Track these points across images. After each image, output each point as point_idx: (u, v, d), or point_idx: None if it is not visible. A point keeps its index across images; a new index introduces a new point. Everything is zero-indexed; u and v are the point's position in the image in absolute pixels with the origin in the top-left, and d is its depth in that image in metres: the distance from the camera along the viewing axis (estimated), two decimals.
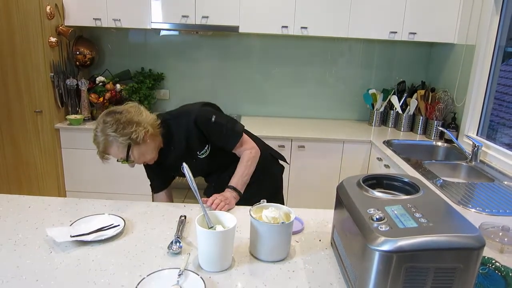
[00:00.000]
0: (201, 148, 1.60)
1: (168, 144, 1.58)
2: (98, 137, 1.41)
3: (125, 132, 1.39)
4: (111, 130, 1.38)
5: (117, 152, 1.43)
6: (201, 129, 1.55)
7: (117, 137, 1.38)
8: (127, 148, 1.42)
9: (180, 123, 1.56)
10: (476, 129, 2.66)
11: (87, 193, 2.97)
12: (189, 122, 1.54)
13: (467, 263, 0.85)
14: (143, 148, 1.46)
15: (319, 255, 1.19)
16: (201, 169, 1.70)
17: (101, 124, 1.41)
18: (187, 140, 1.56)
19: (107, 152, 1.43)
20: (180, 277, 1.01)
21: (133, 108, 1.47)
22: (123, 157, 1.44)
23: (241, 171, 1.59)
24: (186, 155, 1.58)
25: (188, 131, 1.55)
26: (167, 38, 3.29)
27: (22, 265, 1.08)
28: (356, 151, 2.88)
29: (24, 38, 2.64)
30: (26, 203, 1.46)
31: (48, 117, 2.81)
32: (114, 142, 1.40)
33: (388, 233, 0.86)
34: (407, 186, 1.14)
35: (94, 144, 1.44)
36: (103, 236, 1.22)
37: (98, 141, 1.41)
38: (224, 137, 1.59)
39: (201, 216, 1.12)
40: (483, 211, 1.61)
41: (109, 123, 1.39)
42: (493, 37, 2.52)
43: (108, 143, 1.40)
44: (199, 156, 1.62)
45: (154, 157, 1.54)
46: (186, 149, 1.58)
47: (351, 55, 3.33)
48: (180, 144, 1.58)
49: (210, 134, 1.58)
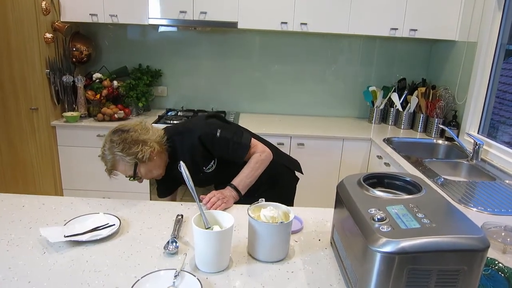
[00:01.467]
0: (207, 164, 1.59)
1: (175, 159, 1.56)
2: (106, 156, 1.43)
3: (131, 152, 1.41)
4: (118, 150, 1.40)
5: (124, 170, 1.45)
6: (207, 145, 1.54)
7: (124, 157, 1.41)
8: (134, 166, 1.44)
9: (185, 140, 1.55)
10: (477, 127, 2.64)
11: (85, 191, 2.95)
12: (194, 140, 1.53)
13: (471, 265, 0.82)
14: (150, 166, 1.47)
15: (318, 255, 1.17)
16: (210, 181, 1.70)
17: (108, 143, 1.43)
18: (192, 157, 1.55)
19: (115, 169, 1.46)
20: (176, 278, 0.99)
21: (139, 126, 1.48)
22: (131, 174, 1.46)
23: (246, 171, 1.56)
24: (192, 169, 1.55)
25: (192, 148, 1.54)
26: (164, 34, 3.25)
27: (14, 266, 1.05)
28: (356, 149, 2.86)
29: (19, 34, 2.60)
30: (20, 202, 1.43)
31: (44, 114, 2.78)
32: (121, 161, 1.42)
33: (390, 234, 0.84)
34: (409, 185, 1.12)
35: (102, 161, 1.47)
36: (98, 236, 1.19)
37: (106, 160, 1.44)
38: (231, 151, 1.57)
39: (197, 216, 1.09)
40: (485, 211, 1.58)
41: (116, 143, 1.41)
42: (495, 35, 2.49)
43: (116, 162, 1.43)
44: (205, 171, 1.60)
45: (161, 173, 1.56)
46: (192, 165, 1.54)
47: (351, 52, 3.30)
48: (186, 161, 1.54)
49: (216, 149, 1.56)
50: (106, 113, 2.86)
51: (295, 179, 1.90)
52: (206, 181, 1.69)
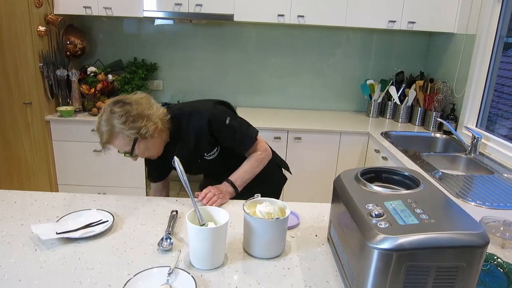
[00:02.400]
0: (209, 150, 1.53)
1: (175, 140, 1.50)
2: (102, 127, 1.32)
3: (134, 126, 1.31)
4: (119, 122, 1.30)
5: (121, 144, 1.35)
6: (214, 130, 1.47)
7: (125, 130, 1.31)
8: (133, 141, 1.34)
9: (192, 121, 1.48)
10: (476, 121, 2.62)
11: (80, 186, 2.92)
12: (202, 122, 1.46)
13: (471, 261, 0.81)
14: (149, 143, 1.39)
15: (315, 251, 1.15)
16: (205, 170, 1.65)
17: (107, 113, 1.32)
18: (196, 140, 1.49)
19: (110, 143, 1.35)
20: (170, 275, 0.97)
21: (144, 100, 1.38)
22: (128, 150, 1.37)
23: (245, 168, 1.53)
24: (192, 154, 1.52)
25: (199, 131, 1.47)
26: (160, 27, 3.21)
27: (5, 264, 1.03)
28: (353, 143, 2.84)
29: (12, 27, 2.56)
30: (12, 198, 1.40)
31: (38, 109, 2.74)
32: (120, 134, 1.32)
33: (387, 230, 0.82)
34: (407, 180, 1.10)
35: (96, 133, 1.36)
36: (90, 232, 1.17)
37: (101, 131, 1.33)
38: (237, 140, 1.52)
39: (192, 212, 1.07)
40: (483, 205, 1.57)
41: (118, 114, 1.30)
42: (494, 27, 2.47)
43: (113, 135, 1.32)
44: (205, 157, 1.54)
45: (159, 152, 1.47)
46: (194, 149, 1.51)
47: (349, 45, 3.26)
48: (189, 143, 1.50)
49: (223, 136, 1.50)
50: (101, 108, 2.82)
51: (284, 179, 1.86)
52: (202, 169, 1.64)
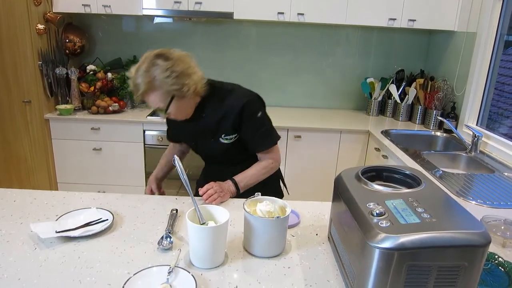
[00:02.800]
0: (228, 133, 1.47)
1: (202, 109, 1.46)
2: (139, 78, 1.27)
3: (176, 82, 1.28)
4: (163, 76, 1.26)
5: (157, 100, 1.31)
6: (244, 116, 1.43)
7: (166, 85, 1.27)
8: (170, 98, 1.31)
9: (229, 98, 1.45)
10: (476, 119, 2.62)
11: (79, 184, 2.92)
12: (237, 103, 1.43)
13: (472, 260, 0.80)
14: (184, 103, 1.36)
15: (316, 250, 1.15)
16: (212, 153, 1.57)
17: (148, 64, 1.27)
18: (223, 117, 1.45)
19: (147, 96, 1.30)
20: (170, 274, 0.97)
21: (187, 58, 1.36)
22: (162, 107, 1.32)
23: (252, 172, 1.50)
24: (211, 130, 1.48)
25: (230, 110, 1.43)
26: (159, 25, 3.20)
27: (4, 262, 1.02)
28: (353, 141, 2.83)
29: (11, 25, 2.55)
30: (11, 197, 1.40)
31: (37, 107, 2.74)
32: (159, 89, 1.28)
33: (389, 229, 0.82)
34: (408, 178, 1.09)
35: (130, 84, 1.31)
36: (90, 231, 1.17)
37: (137, 82, 1.28)
38: (259, 136, 1.49)
39: (192, 211, 1.07)
40: (484, 204, 1.57)
41: (161, 67, 1.27)
42: (495, 25, 2.46)
43: (152, 88, 1.28)
44: (220, 139, 1.49)
45: (188, 114, 1.44)
46: (216, 125, 1.46)
47: (349, 43, 3.26)
48: (214, 116, 1.46)
49: (248, 126, 1.46)
50: (101, 106, 2.82)
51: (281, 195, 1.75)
52: (209, 151, 1.57)
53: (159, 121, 2.76)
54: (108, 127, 2.79)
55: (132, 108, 3.07)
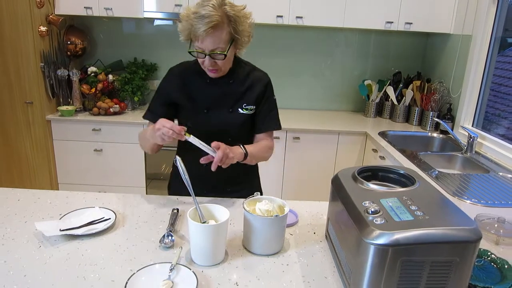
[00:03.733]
0: (249, 104, 1.48)
1: (230, 74, 1.46)
2: (211, 10, 1.23)
3: (245, 23, 1.31)
4: (236, 14, 1.27)
5: (222, 37, 1.27)
6: (266, 92, 1.50)
7: (238, 25, 1.28)
8: (231, 41, 1.31)
9: (253, 71, 1.51)
10: (472, 120, 2.65)
11: (80, 185, 2.94)
12: (264, 78, 1.52)
13: (464, 256, 0.83)
14: (232, 55, 1.39)
15: (313, 248, 1.17)
16: (222, 127, 1.47)
17: (221, 2, 1.26)
18: (250, 86, 1.47)
19: (214, 31, 1.25)
20: (171, 271, 0.99)
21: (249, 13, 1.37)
22: (222, 48, 1.29)
23: (259, 147, 1.47)
24: (235, 97, 1.47)
25: (257, 81, 1.49)
26: (160, 28, 3.23)
27: (10, 260, 1.05)
28: (351, 143, 2.86)
29: (13, 27, 2.58)
30: (15, 196, 1.43)
31: (39, 108, 2.77)
32: (227, 26, 1.27)
33: (383, 226, 0.85)
34: (403, 178, 1.13)
35: (188, 17, 1.27)
36: (93, 229, 1.19)
37: (204, 14, 1.22)
38: (269, 117, 1.53)
39: (193, 210, 1.09)
40: (479, 203, 1.60)
41: (237, 8, 1.30)
42: (490, 28, 2.50)
43: (220, 24, 1.25)
44: (239, 110, 1.47)
45: (225, 71, 1.42)
46: (241, 94, 1.47)
47: (347, 45, 3.29)
48: (241, 84, 1.47)
49: (266, 103, 1.51)
50: (101, 107, 2.85)
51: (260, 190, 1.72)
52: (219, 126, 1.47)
53: None
54: (109, 128, 2.82)
55: (132, 109, 3.10)
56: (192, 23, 1.26)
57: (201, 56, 1.34)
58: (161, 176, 2.96)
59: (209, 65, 1.34)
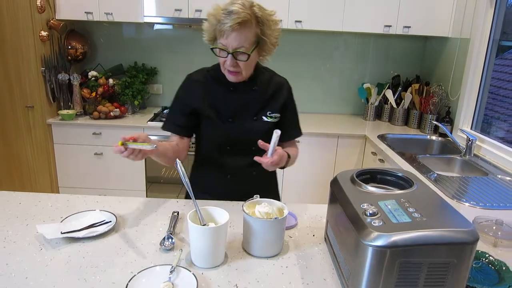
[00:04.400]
0: (274, 111, 1.44)
1: (253, 81, 1.42)
2: (238, 6, 1.22)
3: (275, 29, 1.31)
4: (265, 17, 1.27)
5: (248, 36, 1.25)
6: (290, 97, 1.49)
7: (265, 26, 1.28)
8: (256, 42, 1.29)
9: (274, 76, 1.50)
10: (471, 123, 2.67)
11: (80, 189, 2.95)
12: (286, 83, 1.50)
13: (461, 257, 0.84)
14: (255, 59, 1.35)
15: (312, 250, 1.18)
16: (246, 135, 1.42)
17: (252, 3, 1.26)
18: (274, 92, 1.45)
19: (237, 28, 1.22)
20: (172, 273, 1.00)
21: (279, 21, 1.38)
22: (246, 48, 1.26)
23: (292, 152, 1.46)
24: (259, 104, 1.43)
25: (280, 87, 1.47)
26: (160, 32, 3.25)
27: (12, 262, 1.06)
28: (350, 146, 2.87)
29: (14, 32, 2.60)
30: (17, 199, 1.43)
31: (40, 112, 2.78)
32: (255, 28, 1.26)
33: (381, 228, 0.86)
34: (401, 180, 1.13)
35: (222, 13, 1.24)
36: (94, 232, 1.20)
37: (232, 10, 1.22)
38: (294, 123, 1.54)
39: (193, 212, 1.10)
40: (477, 205, 1.61)
41: (264, 11, 1.28)
42: (488, 31, 2.52)
43: (248, 22, 1.23)
44: (264, 117, 1.43)
45: (247, 76, 1.37)
46: (266, 100, 1.44)
47: (346, 49, 3.31)
48: (265, 91, 1.44)
49: (290, 108, 1.50)
50: (102, 111, 2.86)
51: None
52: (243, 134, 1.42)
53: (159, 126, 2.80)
54: (109, 132, 2.83)
55: (133, 113, 3.12)
56: (220, 18, 1.24)
57: (223, 55, 1.30)
58: (161, 179, 2.96)
59: (230, 65, 1.30)
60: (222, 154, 1.47)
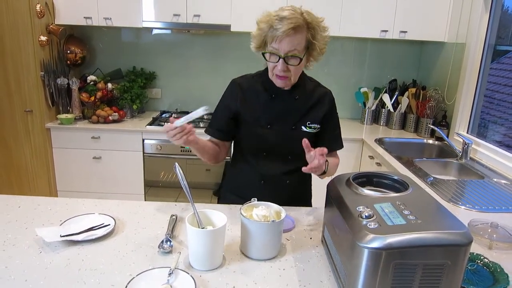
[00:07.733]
0: (314, 121, 1.43)
1: (295, 90, 1.42)
2: (290, 11, 1.25)
3: (324, 35, 1.33)
4: (315, 23, 1.29)
5: (300, 41, 1.27)
6: (332, 108, 1.47)
7: (315, 31, 1.29)
8: (307, 47, 1.31)
9: (315, 87, 1.48)
10: (467, 127, 2.69)
11: (79, 193, 2.96)
12: (328, 94, 1.48)
13: (455, 259, 0.85)
14: (302, 64, 1.34)
15: (309, 253, 1.19)
16: (284, 143, 1.44)
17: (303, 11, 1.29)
18: (316, 103, 1.44)
19: (291, 33, 1.24)
20: (170, 276, 1.01)
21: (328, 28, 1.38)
22: (299, 52, 1.28)
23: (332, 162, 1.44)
24: (299, 114, 1.43)
25: (322, 97, 1.45)
26: (159, 37, 3.27)
27: (11, 265, 1.07)
28: (348, 150, 2.88)
29: (14, 37, 2.61)
30: (16, 203, 1.44)
31: (39, 116, 2.79)
32: (307, 33, 1.28)
33: (376, 230, 0.87)
34: (397, 183, 1.15)
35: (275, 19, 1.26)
36: (93, 235, 1.21)
37: (285, 16, 1.24)
38: (335, 135, 1.50)
39: (191, 215, 1.12)
40: (473, 208, 1.62)
41: (313, 16, 1.30)
42: (483, 35, 2.55)
43: (301, 27, 1.26)
44: (303, 127, 1.43)
45: (293, 82, 1.38)
46: (307, 110, 1.43)
47: (343, 53, 3.34)
48: (307, 101, 1.44)
49: (331, 120, 1.48)
50: (101, 115, 2.88)
51: None
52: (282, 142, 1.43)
53: (158, 130, 2.82)
54: (108, 136, 2.84)
55: (131, 117, 3.13)
56: (272, 24, 1.26)
57: (273, 59, 1.32)
58: (159, 183, 2.97)
59: (281, 70, 1.30)
60: (257, 159, 1.48)
